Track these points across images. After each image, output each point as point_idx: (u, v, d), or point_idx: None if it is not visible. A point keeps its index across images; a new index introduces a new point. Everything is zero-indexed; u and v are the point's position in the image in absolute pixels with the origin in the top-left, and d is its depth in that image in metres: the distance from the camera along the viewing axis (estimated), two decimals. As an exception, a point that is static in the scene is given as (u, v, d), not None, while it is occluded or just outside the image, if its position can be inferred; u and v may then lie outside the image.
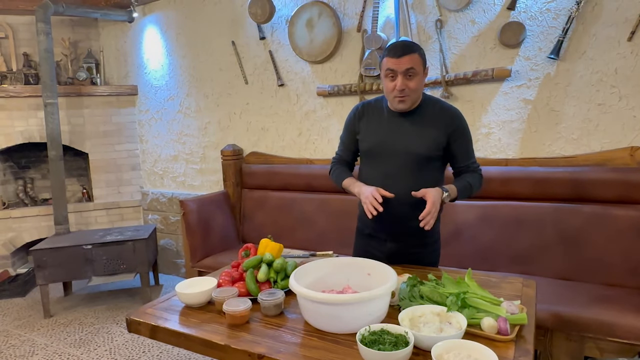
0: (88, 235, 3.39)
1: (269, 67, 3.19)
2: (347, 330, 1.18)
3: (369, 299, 1.15)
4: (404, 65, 1.53)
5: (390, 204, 1.56)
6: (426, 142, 1.62)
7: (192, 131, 3.70)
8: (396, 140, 1.64)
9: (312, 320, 1.23)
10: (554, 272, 2.22)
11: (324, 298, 1.16)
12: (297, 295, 1.24)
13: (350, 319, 1.16)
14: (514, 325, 1.16)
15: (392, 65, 1.55)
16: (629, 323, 1.75)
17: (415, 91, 1.58)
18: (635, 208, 2.12)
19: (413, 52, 1.54)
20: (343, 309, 1.16)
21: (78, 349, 2.67)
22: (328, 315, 1.18)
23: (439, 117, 1.64)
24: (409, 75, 1.54)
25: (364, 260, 1.44)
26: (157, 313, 1.41)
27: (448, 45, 2.53)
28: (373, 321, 1.17)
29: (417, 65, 1.55)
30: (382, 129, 1.69)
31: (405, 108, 1.62)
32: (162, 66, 3.77)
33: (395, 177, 1.63)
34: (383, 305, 1.21)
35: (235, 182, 3.36)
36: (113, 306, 3.29)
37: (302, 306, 1.25)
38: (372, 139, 1.70)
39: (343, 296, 1.17)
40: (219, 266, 2.79)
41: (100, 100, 3.93)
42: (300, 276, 1.31)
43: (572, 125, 2.28)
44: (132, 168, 4.11)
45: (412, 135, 1.63)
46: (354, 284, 1.39)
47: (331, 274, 1.42)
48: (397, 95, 1.58)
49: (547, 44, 2.28)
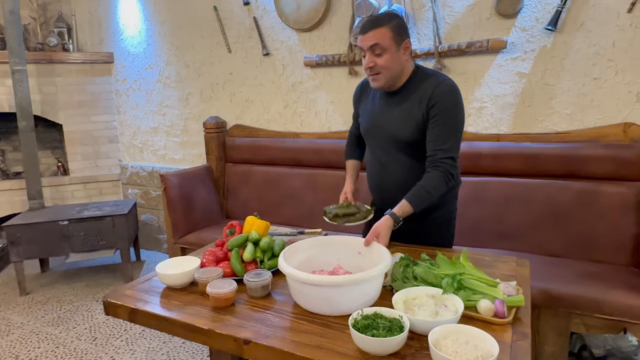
0: (64, 211, 3.25)
1: (253, 34, 3.02)
2: (340, 312, 1.12)
3: (362, 280, 1.09)
4: (368, 42, 1.43)
5: (386, 192, 1.61)
6: (409, 125, 1.48)
7: (172, 102, 3.54)
8: (383, 124, 1.56)
9: (302, 302, 1.17)
10: (543, 249, 2.21)
11: (316, 280, 1.10)
12: (287, 277, 1.18)
13: (343, 301, 1.11)
14: (511, 307, 1.12)
15: (359, 42, 1.47)
16: (615, 300, 1.76)
17: (387, 68, 1.44)
18: (626, 185, 2.10)
19: (379, 27, 1.41)
20: (336, 290, 1.10)
21: (56, 327, 2.59)
22: (320, 298, 1.12)
23: (421, 92, 1.46)
24: (377, 53, 1.43)
25: (355, 239, 1.39)
26: (137, 295, 1.33)
27: (442, 14, 2.42)
28: (367, 303, 1.13)
29: (385, 39, 1.41)
30: (372, 110, 1.62)
31: (379, 86, 1.51)
32: (139, 32, 3.56)
33: (387, 165, 1.59)
34: (377, 286, 1.16)
35: (219, 156, 3.24)
36: (92, 283, 3.19)
37: (292, 288, 1.19)
38: (365, 120, 1.65)
39: (336, 278, 1.11)
40: (202, 242, 2.71)
41: (73, 68, 3.70)
42: (289, 256, 1.25)
43: (566, 100, 2.23)
44: (109, 140, 3.93)
45: (397, 119, 1.52)
46: (345, 263, 1.34)
47: (321, 253, 1.37)
48: (368, 74, 1.49)
49: (544, 15, 2.19)
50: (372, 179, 1.69)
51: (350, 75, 2.74)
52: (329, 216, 1.58)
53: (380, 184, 1.65)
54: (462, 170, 2.42)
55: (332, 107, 2.87)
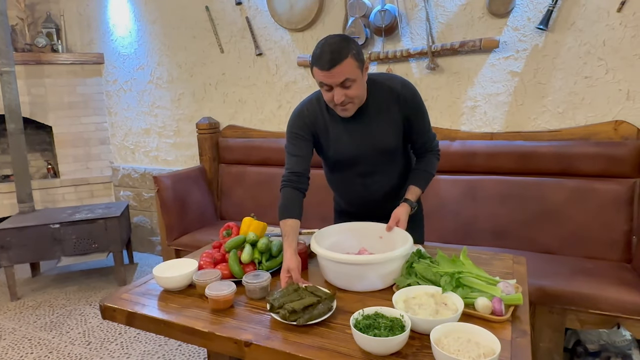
0: (55, 214, 3.21)
1: (246, 34, 3.01)
2: (372, 287, 1.27)
3: (391, 259, 1.23)
4: (338, 78, 1.30)
5: (370, 196, 1.58)
6: (395, 132, 1.47)
7: (164, 103, 3.51)
8: (362, 143, 1.48)
9: (336, 281, 1.30)
10: (537, 247, 2.23)
11: (350, 259, 1.25)
12: (320, 259, 1.32)
13: (373, 278, 1.26)
14: (509, 306, 1.13)
15: (324, 79, 1.31)
16: (610, 295, 1.78)
17: (358, 96, 1.37)
18: (617, 182, 2.13)
19: (343, 60, 1.27)
20: (367, 268, 1.24)
21: (49, 332, 2.55)
22: (353, 276, 1.26)
23: (392, 101, 1.44)
24: (347, 85, 1.32)
25: (376, 225, 1.48)
26: (134, 298, 1.31)
27: (435, 13, 2.43)
28: (389, 282, 1.28)
29: (352, 71, 1.30)
30: (343, 135, 1.48)
31: (350, 115, 1.41)
32: (130, 33, 3.52)
33: (372, 175, 1.55)
34: (399, 265, 1.29)
35: (212, 157, 3.22)
36: (85, 287, 3.15)
37: (327, 269, 1.32)
38: (337, 149, 1.51)
39: (370, 257, 1.25)
40: (197, 244, 2.70)
41: (63, 69, 3.65)
42: (319, 240, 1.37)
43: (558, 98, 2.25)
44: (101, 142, 3.89)
45: (382, 131, 1.46)
46: (367, 247, 1.44)
47: (345, 239, 1.48)
48: (339, 106, 1.37)
49: (536, 14, 2.21)
50: (355, 197, 1.63)
51: (343, 75, 2.73)
52: (282, 313, 1.10)
53: (365, 197, 1.60)
54: (457, 169, 2.45)
55: (325, 107, 2.87)
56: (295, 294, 1.16)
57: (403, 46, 2.54)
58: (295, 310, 1.09)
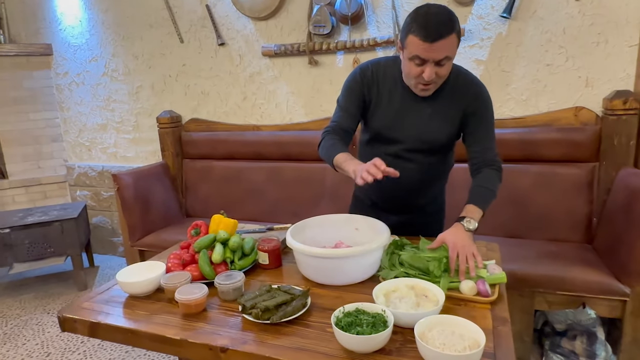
0: (5, 217, 2.98)
1: (206, 23, 2.88)
2: (351, 281, 1.25)
3: (368, 251, 1.21)
4: (437, 54, 1.19)
5: (397, 186, 1.43)
6: (445, 128, 1.39)
7: (121, 97, 3.32)
8: (413, 126, 1.38)
9: (313, 276, 1.28)
10: (504, 231, 2.28)
11: (329, 253, 1.21)
12: (296, 253, 1.29)
13: (352, 270, 1.24)
14: (493, 285, 1.14)
15: (422, 52, 1.19)
16: (575, 276, 1.84)
17: (444, 77, 1.28)
18: (578, 166, 2.20)
19: (449, 34, 1.17)
20: (347, 261, 1.22)
21: (3, 345, 2.37)
22: (332, 269, 1.23)
23: (461, 93, 1.36)
24: (441, 64, 1.22)
25: (351, 216, 1.48)
26: (96, 307, 1.22)
27: (401, 1, 2.41)
28: (370, 273, 1.27)
29: (453, 49, 1.22)
30: (396, 108, 1.39)
31: (428, 94, 1.33)
32: (80, 21, 3.29)
33: (406, 161, 1.43)
34: (379, 256, 1.27)
35: (175, 152, 3.09)
36: (42, 294, 2.96)
37: (303, 264, 1.29)
38: (384, 118, 1.41)
39: (347, 250, 1.21)
40: (163, 244, 2.58)
41: (6, 62, 3.38)
42: (295, 234, 1.33)
43: (522, 86, 2.30)
44: (52, 139, 3.64)
45: (434, 121, 1.37)
46: (344, 239, 1.42)
47: (321, 232, 1.44)
48: (421, 83, 1.27)
49: (499, 2, 2.23)
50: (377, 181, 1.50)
51: (310, 65, 2.68)
52: (254, 312, 1.06)
53: (389, 183, 1.36)
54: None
55: (292, 98, 2.80)
56: (267, 294, 1.14)
57: (370, 35, 2.51)
58: (269, 308, 1.06)
